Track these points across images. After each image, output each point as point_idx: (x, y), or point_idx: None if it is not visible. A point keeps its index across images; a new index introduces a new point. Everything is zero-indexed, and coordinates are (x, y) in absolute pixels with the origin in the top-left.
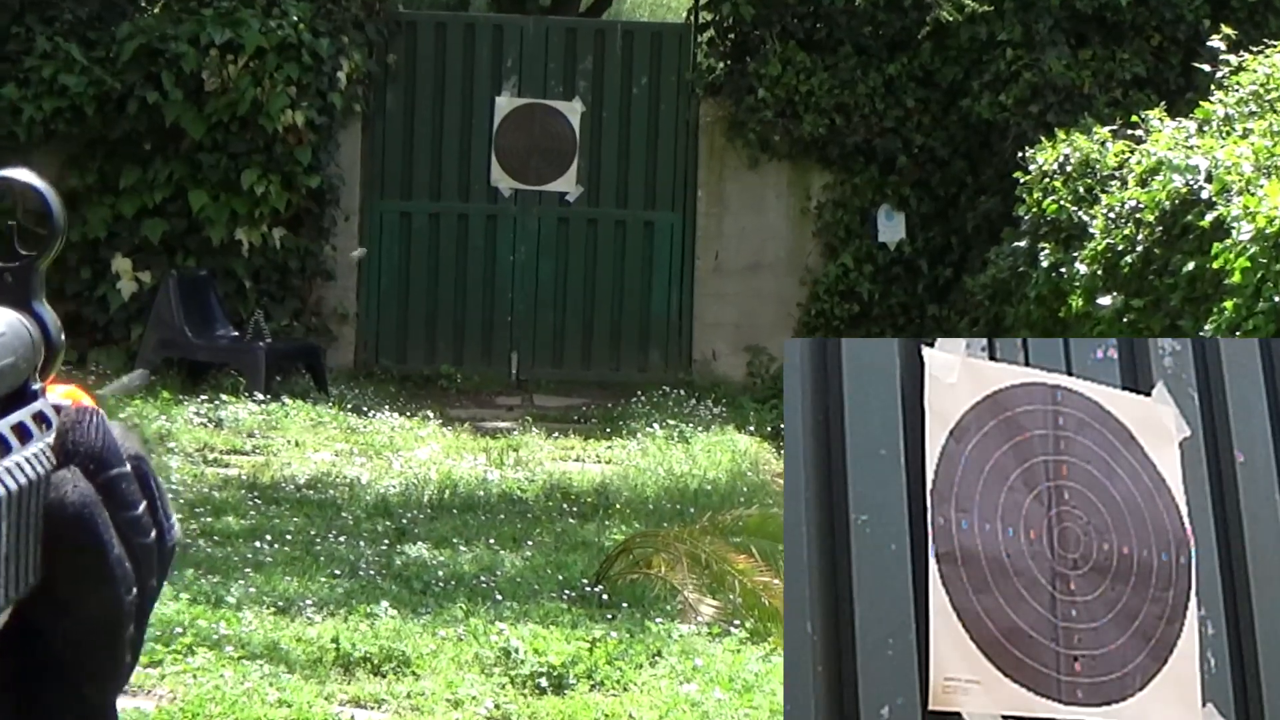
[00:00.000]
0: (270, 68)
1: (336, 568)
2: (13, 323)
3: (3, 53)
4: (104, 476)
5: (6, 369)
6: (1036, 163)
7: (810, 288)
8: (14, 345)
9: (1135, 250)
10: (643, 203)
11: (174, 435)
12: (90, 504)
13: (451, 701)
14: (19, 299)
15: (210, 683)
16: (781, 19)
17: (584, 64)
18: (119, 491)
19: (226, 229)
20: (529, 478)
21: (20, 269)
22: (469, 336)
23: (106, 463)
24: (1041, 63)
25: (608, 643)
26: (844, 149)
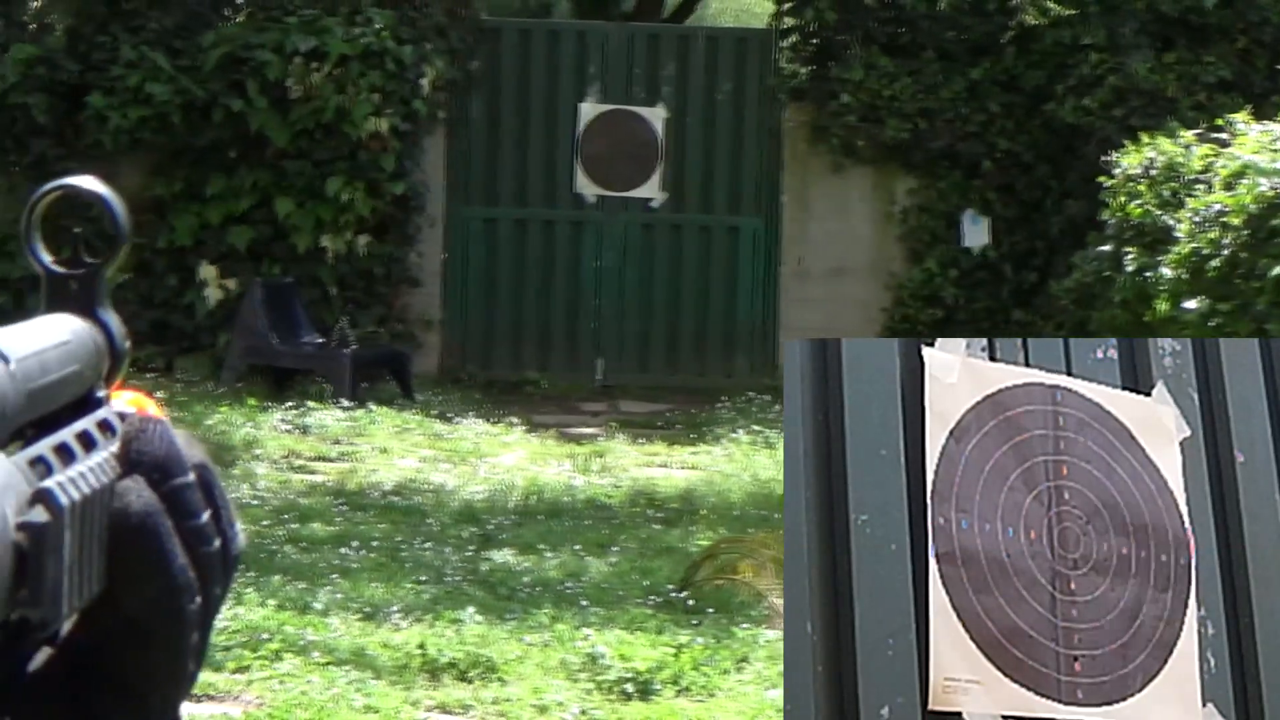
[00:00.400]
0: (354, 75)
1: (422, 574)
2: (78, 330)
3: (89, 62)
4: (168, 486)
5: (71, 377)
6: (1121, 167)
7: (894, 292)
8: (78, 353)
9: (1221, 254)
10: (727, 208)
11: (260, 442)
12: (153, 513)
13: (537, 707)
14: (84, 306)
15: (297, 688)
16: (864, 23)
17: (667, 70)
18: (183, 501)
19: (311, 236)
20: (614, 483)
21: (86, 276)
22: (554, 342)
23: (170, 472)
24: (1126, 66)
25: (693, 648)
26: (928, 153)
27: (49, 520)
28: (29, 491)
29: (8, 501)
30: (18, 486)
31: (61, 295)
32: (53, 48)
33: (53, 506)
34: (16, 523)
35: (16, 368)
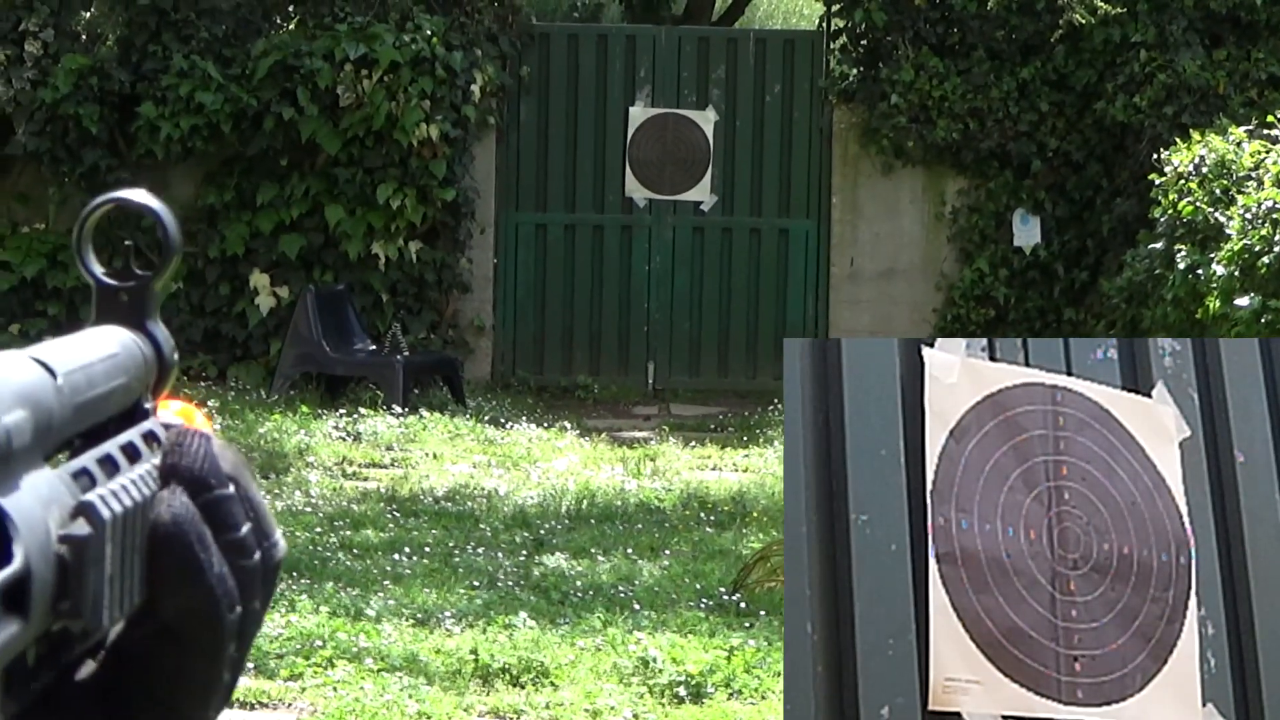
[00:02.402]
0: (404, 82)
1: (475, 579)
2: (126, 343)
3: (141, 72)
4: (205, 498)
5: (118, 389)
6: (1172, 164)
7: (946, 293)
8: (126, 365)
9: (1273, 251)
10: (777, 210)
11: (313, 449)
12: (191, 522)
13: (590, 712)
14: (134, 319)
15: (350, 695)
16: (913, 24)
17: (717, 73)
18: (221, 512)
19: (363, 243)
20: (666, 487)
21: (136, 289)
22: (605, 347)
23: (208, 484)
24: (1176, 64)
25: (745, 651)
26: (978, 154)
27: (90, 533)
28: (72, 504)
29: (51, 514)
30: (61, 499)
31: (112, 307)
32: (104, 58)
33: (94, 519)
34: (59, 535)
35: (64, 382)
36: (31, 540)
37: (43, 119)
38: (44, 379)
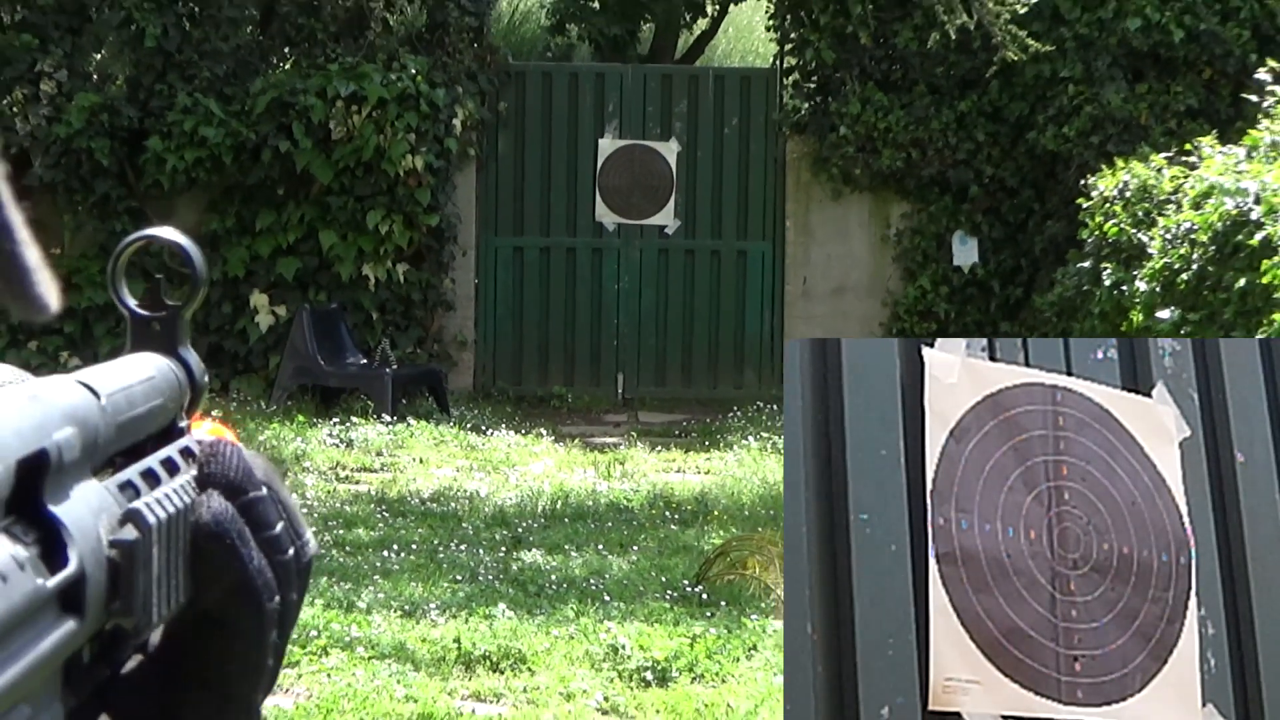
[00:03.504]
0: (391, 117)
1: (458, 574)
2: (161, 367)
3: (148, 109)
4: (242, 500)
5: (156, 410)
6: (1098, 189)
7: (891, 308)
8: (162, 388)
9: (1191, 268)
10: (735, 233)
11: (309, 455)
12: (231, 521)
13: (564, 695)
14: (166, 345)
15: (343, 681)
16: (860, 61)
17: (679, 107)
18: (256, 512)
19: (354, 265)
20: (634, 488)
21: (167, 318)
22: (578, 359)
23: (243, 487)
24: (1101, 97)
25: (707, 638)
26: (920, 180)
27: (138, 537)
28: (119, 512)
29: (101, 522)
30: (109, 509)
31: (145, 335)
32: (114, 96)
33: (141, 525)
34: (109, 540)
35: (107, 402)
36: (85, 546)
37: (57, 152)
38: (89, 400)
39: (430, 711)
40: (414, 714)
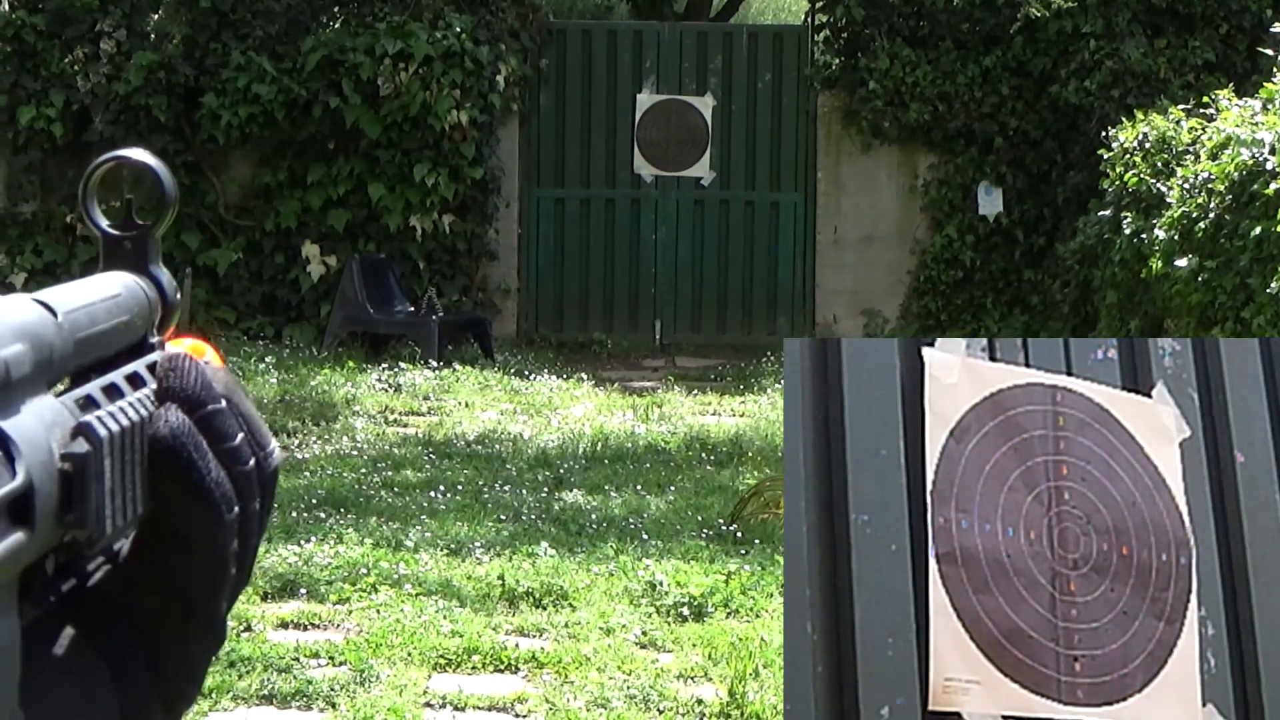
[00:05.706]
0: (437, 74)
1: (502, 513)
2: (129, 285)
3: (203, 67)
4: (200, 413)
5: (120, 326)
6: (1119, 141)
7: (919, 257)
8: (129, 304)
9: (1208, 217)
10: (769, 185)
11: (359, 400)
12: (184, 432)
13: (604, 629)
14: (138, 264)
15: (391, 616)
16: (888, 18)
17: (714, 63)
18: (215, 425)
19: (402, 217)
20: (671, 431)
21: (138, 237)
22: (617, 307)
23: (201, 401)
24: (1121, 52)
25: (741, 575)
26: (947, 133)
27: (89, 450)
28: (73, 425)
29: (54, 435)
30: (63, 422)
31: (117, 254)
32: (171, 55)
33: (93, 438)
34: (60, 453)
35: (64, 319)
36: (33, 458)
37: (117, 109)
38: (44, 316)
39: (475, 645)
40: (459, 648)
